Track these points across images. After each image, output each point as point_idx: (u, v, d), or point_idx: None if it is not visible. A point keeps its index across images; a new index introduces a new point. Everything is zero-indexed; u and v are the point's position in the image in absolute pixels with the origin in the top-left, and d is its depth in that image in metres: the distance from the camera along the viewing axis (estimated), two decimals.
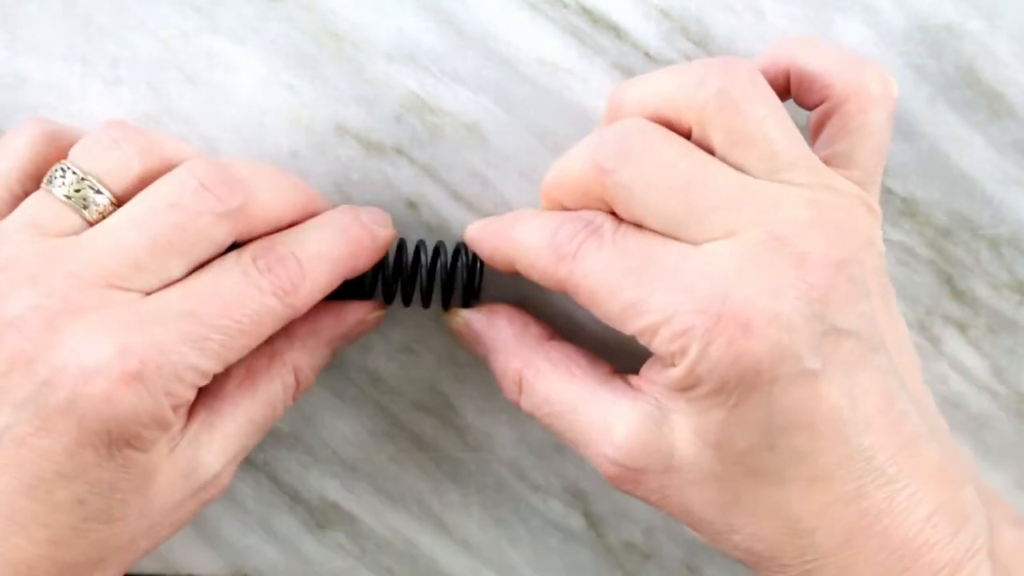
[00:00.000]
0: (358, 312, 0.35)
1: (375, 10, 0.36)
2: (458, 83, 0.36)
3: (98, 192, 0.30)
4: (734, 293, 0.27)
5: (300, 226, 0.32)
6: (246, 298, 0.29)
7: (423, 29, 0.36)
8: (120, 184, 0.30)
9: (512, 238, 0.32)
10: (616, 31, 0.36)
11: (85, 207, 0.30)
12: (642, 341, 0.29)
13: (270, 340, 0.32)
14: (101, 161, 0.30)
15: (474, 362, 0.37)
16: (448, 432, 0.38)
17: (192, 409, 0.30)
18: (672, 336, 0.28)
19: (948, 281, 0.37)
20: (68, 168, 0.30)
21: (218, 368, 0.29)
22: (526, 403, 0.32)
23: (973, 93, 0.36)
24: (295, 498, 0.39)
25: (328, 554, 0.39)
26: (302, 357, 0.33)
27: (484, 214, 0.36)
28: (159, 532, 0.31)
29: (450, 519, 0.39)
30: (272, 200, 0.31)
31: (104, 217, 0.30)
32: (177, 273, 0.29)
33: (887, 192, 0.36)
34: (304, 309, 0.31)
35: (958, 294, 0.37)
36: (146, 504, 0.29)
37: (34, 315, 0.27)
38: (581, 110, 0.36)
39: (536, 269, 0.31)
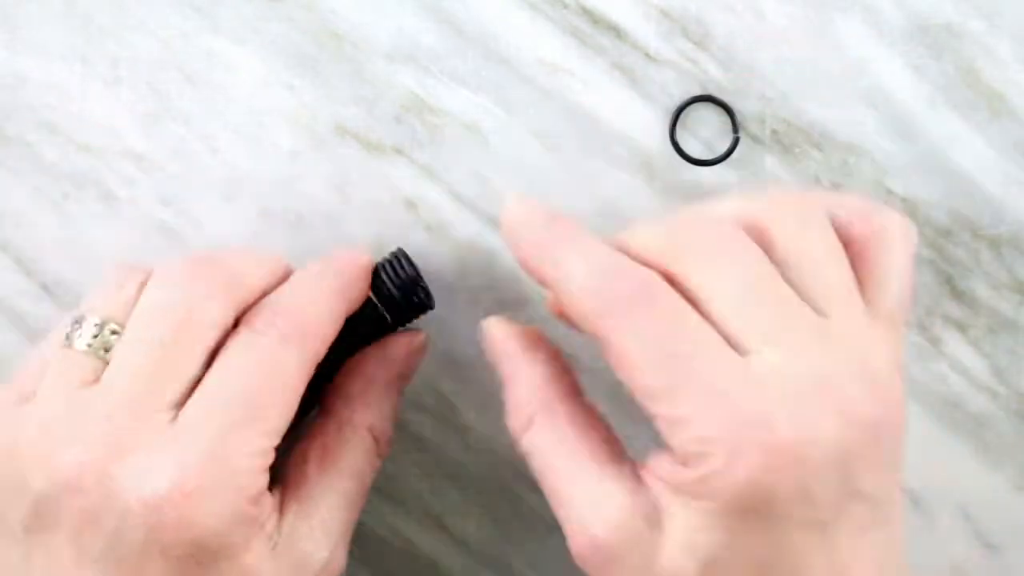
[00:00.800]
0: (400, 347, 0.34)
1: (375, 10, 0.36)
2: (458, 83, 0.36)
3: (114, 333, 0.30)
4: (773, 420, 0.26)
5: (286, 281, 0.32)
6: (261, 364, 0.29)
7: (423, 29, 0.36)
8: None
9: (556, 264, 0.29)
10: (616, 31, 0.36)
11: (106, 350, 0.30)
12: (657, 424, 0.28)
13: (333, 411, 0.32)
14: (109, 304, 0.30)
15: (474, 362, 0.37)
16: (448, 432, 0.38)
17: (282, 504, 0.30)
18: (698, 440, 0.26)
19: (948, 281, 0.37)
20: (82, 319, 0.30)
21: (273, 440, 0.29)
22: (527, 442, 0.30)
23: (973, 93, 0.36)
24: None
25: None
26: (368, 414, 0.33)
27: (484, 214, 0.36)
28: None
29: (450, 519, 0.39)
30: (254, 267, 0.31)
31: None
32: (197, 368, 0.29)
33: (887, 192, 0.36)
34: (325, 342, 0.30)
35: (958, 294, 0.37)
36: None
37: (85, 471, 0.27)
38: (581, 110, 0.36)
39: (573, 308, 0.29)
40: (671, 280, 0.28)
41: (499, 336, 0.32)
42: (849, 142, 0.36)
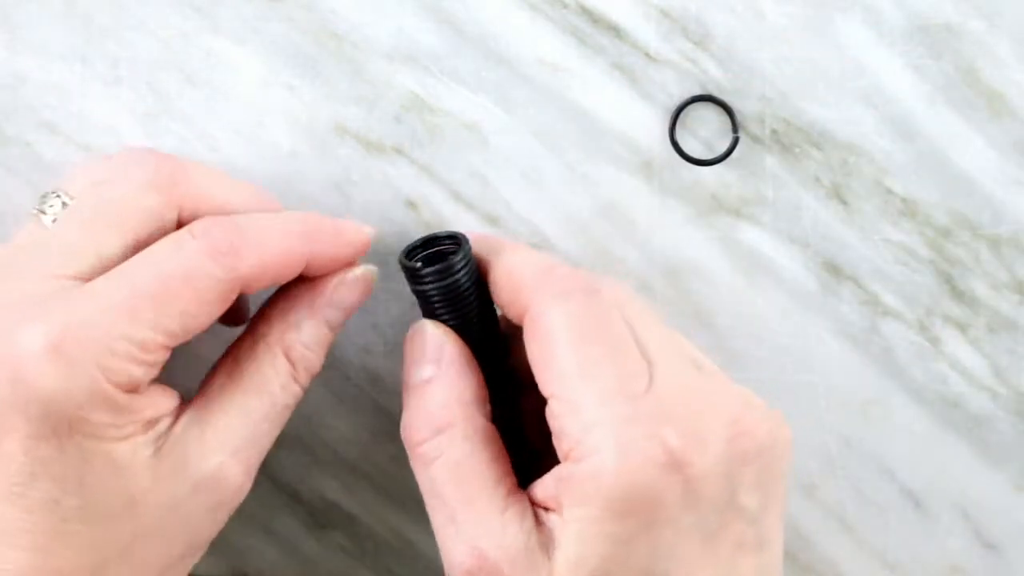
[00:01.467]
0: (329, 278, 0.32)
1: (375, 10, 0.36)
2: (458, 83, 0.36)
3: (65, 205, 0.31)
4: (666, 424, 0.27)
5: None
6: (177, 264, 0.28)
7: (423, 29, 0.36)
8: None
9: (514, 249, 0.32)
10: (616, 31, 0.36)
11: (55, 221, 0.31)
12: (560, 408, 0.28)
13: (251, 328, 0.32)
14: (76, 182, 0.31)
15: None
16: None
17: (181, 409, 0.30)
18: (589, 427, 0.27)
19: (948, 281, 0.37)
20: (51, 192, 0.31)
21: (160, 338, 0.28)
22: (437, 446, 0.30)
23: (973, 93, 0.36)
24: (295, 498, 0.39)
25: (328, 554, 0.39)
26: (287, 334, 0.31)
27: (484, 214, 0.36)
28: (170, 540, 0.29)
29: None
30: (208, 181, 0.31)
31: None
32: (113, 250, 0.29)
33: (887, 192, 0.36)
34: (255, 276, 0.30)
35: (958, 294, 0.37)
36: (132, 502, 0.28)
37: None
38: (581, 110, 0.36)
39: (512, 283, 0.30)
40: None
41: (439, 337, 0.32)
42: (849, 142, 0.36)
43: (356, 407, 0.38)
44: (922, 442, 0.37)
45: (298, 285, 0.32)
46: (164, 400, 0.29)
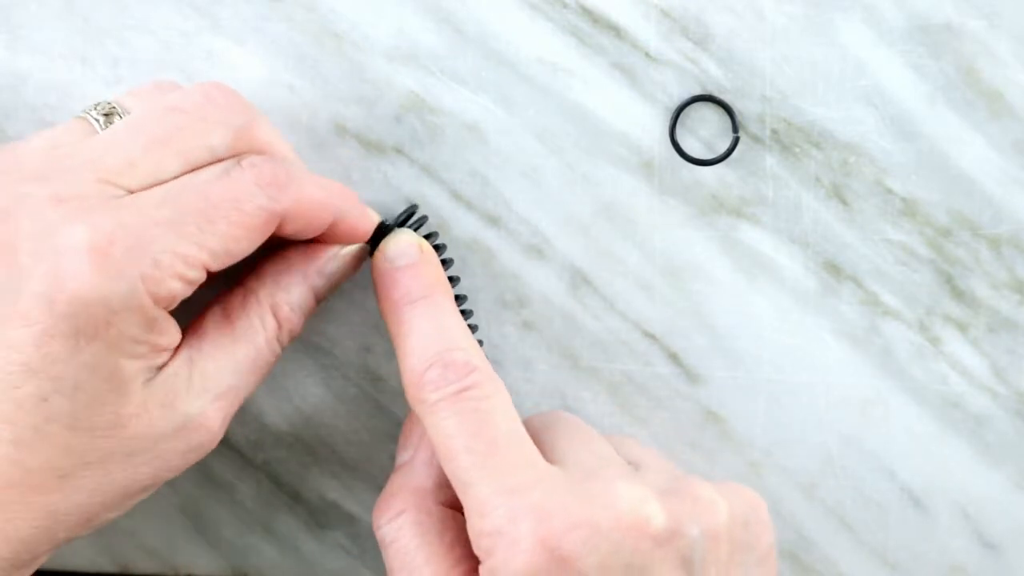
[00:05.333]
0: (329, 248, 0.33)
1: (375, 10, 0.36)
2: (458, 83, 0.36)
3: (122, 118, 0.31)
4: (565, 521, 0.28)
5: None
6: (225, 188, 0.29)
7: (423, 29, 0.36)
8: None
9: (400, 319, 0.32)
10: (616, 31, 0.36)
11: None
12: (464, 505, 0.29)
13: (243, 282, 0.32)
14: (135, 99, 0.32)
15: None
16: None
17: (177, 348, 0.30)
18: (490, 531, 0.28)
19: (948, 281, 0.37)
20: (106, 101, 0.32)
21: (203, 256, 0.29)
22: (393, 530, 0.32)
23: (973, 93, 0.36)
24: (295, 498, 0.39)
25: (328, 554, 0.39)
26: (277, 294, 0.32)
27: (484, 214, 0.36)
28: (137, 467, 0.30)
29: None
30: (274, 136, 0.32)
31: None
32: (168, 176, 0.29)
33: (887, 192, 0.36)
34: (292, 216, 0.30)
35: (958, 294, 0.37)
36: (117, 422, 0.29)
37: (21, 205, 0.28)
38: (581, 110, 0.36)
39: (405, 380, 0.31)
40: None
41: (417, 422, 0.33)
42: (849, 142, 0.36)
43: (356, 407, 0.38)
44: (922, 442, 0.37)
45: (294, 250, 0.33)
46: (175, 332, 0.30)
